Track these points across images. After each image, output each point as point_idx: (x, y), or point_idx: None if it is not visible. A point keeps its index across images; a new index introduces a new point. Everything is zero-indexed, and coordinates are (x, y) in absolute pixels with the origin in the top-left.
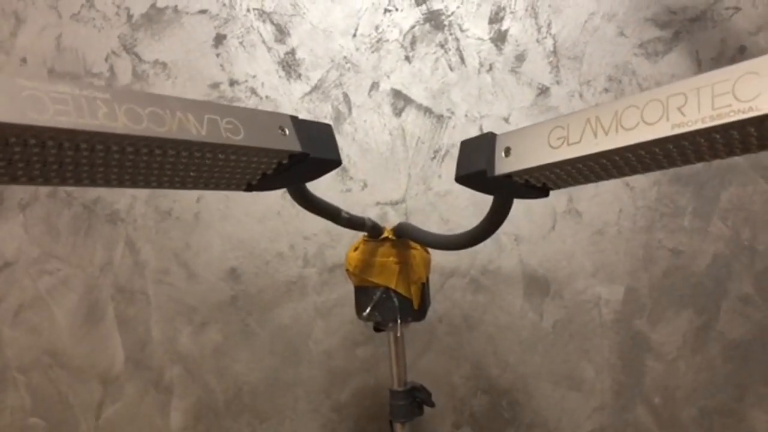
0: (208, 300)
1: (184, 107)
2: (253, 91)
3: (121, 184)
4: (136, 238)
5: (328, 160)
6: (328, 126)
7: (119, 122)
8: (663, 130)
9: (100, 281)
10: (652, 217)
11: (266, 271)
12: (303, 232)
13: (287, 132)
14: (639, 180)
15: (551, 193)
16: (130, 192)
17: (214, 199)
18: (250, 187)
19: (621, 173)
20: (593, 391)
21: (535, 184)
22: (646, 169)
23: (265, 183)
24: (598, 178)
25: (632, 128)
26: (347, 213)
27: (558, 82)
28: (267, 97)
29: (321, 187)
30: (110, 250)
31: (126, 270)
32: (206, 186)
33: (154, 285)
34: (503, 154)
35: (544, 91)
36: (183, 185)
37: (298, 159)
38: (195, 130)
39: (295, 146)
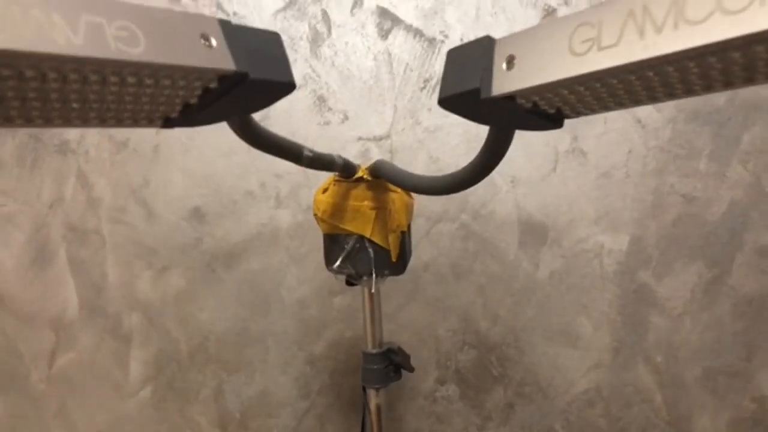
0: (169, 242)
1: (47, 4)
2: (219, 6)
3: None
4: (89, 172)
5: (277, 83)
6: (275, 34)
7: None
8: (759, 20)
9: (50, 219)
10: (664, 159)
11: (234, 212)
12: (275, 170)
13: (214, 42)
14: (652, 117)
15: (554, 131)
16: None
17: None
18: (168, 122)
19: (670, 94)
20: (590, 348)
21: (547, 109)
22: (707, 88)
23: (189, 116)
24: (636, 101)
25: (702, 21)
26: (311, 151)
27: (566, 3)
28: (235, 13)
29: (295, 118)
30: (60, 185)
31: (78, 207)
32: (102, 122)
33: (110, 224)
34: (505, 65)
35: (550, 12)
36: (66, 121)
37: (233, 82)
38: (63, 38)
39: (227, 63)
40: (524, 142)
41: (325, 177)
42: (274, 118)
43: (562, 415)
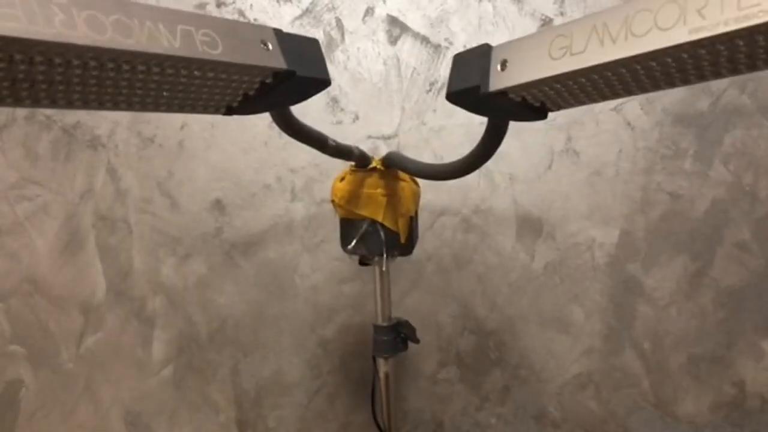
0: (191, 231)
1: (154, 16)
2: (241, 13)
3: (85, 105)
4: (118, 165)
5: (316, 80)
6: (315, 41)
7: (79, 31)
8: (679, 35)
9: (81, 208)
10: (652, 158)
11: (252, 204)
12: (290, 165)
13: (271, 47)
14: (641, 120)
15: (550, 132)
16: (111, 117)
17: (199, 126)
18: (230, 110)
19: (628, 90)
20: (582, 335)
21: (533, 103)
22: (655, 86)
23: (246, 105)
24: (603, 96)
25: (643, 35)
26: (334, 141)
27: (562, 14)
28: (255, 20)
29: (310, 117)
30: (91, 177)
31: (107, 197)
32: (182, 108)
33: (136, 214)
34: (499, 67)
35: (547, 22)
36: (156, 107)
37: (284, 78)
38: (167, 42)
39: (280, 63)
40: (522, 143)
41: (333, 174)
42: None
43: (555, 398)
